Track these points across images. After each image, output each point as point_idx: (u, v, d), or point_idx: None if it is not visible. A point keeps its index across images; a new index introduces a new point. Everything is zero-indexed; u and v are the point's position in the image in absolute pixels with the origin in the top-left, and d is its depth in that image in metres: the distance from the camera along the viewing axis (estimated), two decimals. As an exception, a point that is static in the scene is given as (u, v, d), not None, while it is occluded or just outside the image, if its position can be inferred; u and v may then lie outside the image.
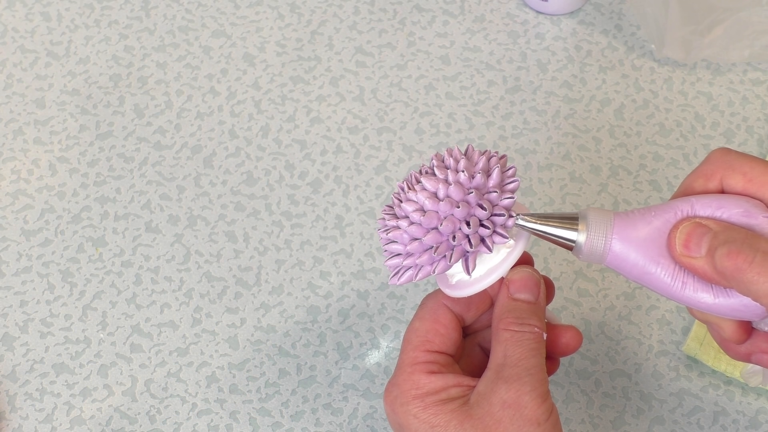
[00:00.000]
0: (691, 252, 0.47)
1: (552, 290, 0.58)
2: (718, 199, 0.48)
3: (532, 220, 0.50)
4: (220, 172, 0.75)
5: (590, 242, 0.49)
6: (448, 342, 0.53)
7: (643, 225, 0.49)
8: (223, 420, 0.66)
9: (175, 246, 0.72)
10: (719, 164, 0.49)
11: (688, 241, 0.47)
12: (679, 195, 0.50)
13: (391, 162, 0.75)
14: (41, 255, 0.72)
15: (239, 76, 0.79)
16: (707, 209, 0.48)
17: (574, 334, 0.55)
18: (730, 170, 0.49)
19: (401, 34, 0.81)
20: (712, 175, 0.49)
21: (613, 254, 0.49)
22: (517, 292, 0.53)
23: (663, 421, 0.64)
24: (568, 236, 0.49)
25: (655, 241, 0.48)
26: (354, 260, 0.71)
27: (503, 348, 0.51)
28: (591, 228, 0.49)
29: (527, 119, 0.76)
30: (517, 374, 0.50)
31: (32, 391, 0.67)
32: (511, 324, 0.52)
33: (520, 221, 0.50)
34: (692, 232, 0.47)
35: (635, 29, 0.80)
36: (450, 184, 0.50)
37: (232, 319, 0.69)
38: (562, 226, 0.50)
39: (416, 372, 0.52)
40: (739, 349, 0.51)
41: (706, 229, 0.47)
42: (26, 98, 0.79)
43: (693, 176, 0.50)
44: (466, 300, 0.54)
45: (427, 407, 0.51)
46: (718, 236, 0.46)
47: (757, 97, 0.76)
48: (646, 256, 0.48)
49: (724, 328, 0.50)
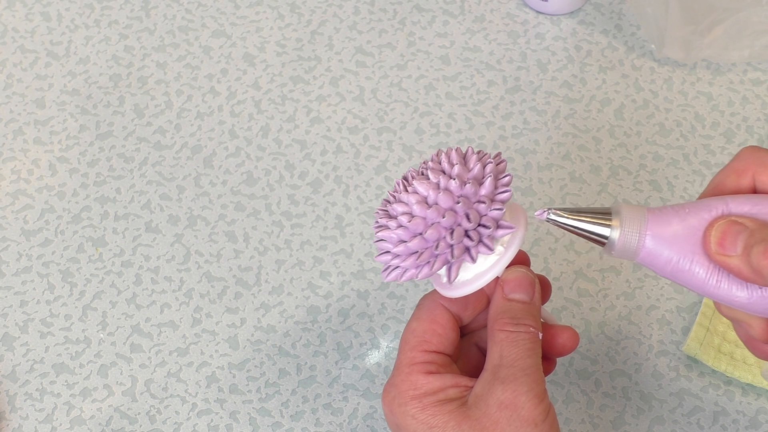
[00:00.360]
0: (727, 250, 0.46)
1: (548, 289, 0.57)
2: (753, 198, 0.47)
3: (564, 215, 0.49)
4: (220, 172, 0.75)
5: (624, 238, 0.48)
6: (445, 342, 0.53)
7: (677, 222, 0.48)
8: (223, 420, 0.66)
9: (175, 246, 0.72)
10: (751, 161, 0.49)
11: (724, 239, 0.46)
12: (710, 192, 0.50)
13: (391, 162, 0.75)
14: (41, 255, 0.72)
15: (239, 76, 0.79)
16: (742, 207, 0.47)
17: (571, 335, 0.55)
18: (762, 167, 0.48)
19: (401, 34, 0.81)
20: (744, 171, 0.49)
21: (647, 251, 0.48)
22: (512, 292, 0.53)
23: (663, 421, 0.64)
24: (601, 232, 0.48)
25: (690, 239, 0.47)
26: (354, 260, 0.71)
27: (499, 349, 0.51)
28: (625, 224, 0.48)
29: (527, 119, 0.76)
30: (513, 375, 0.50)
31: (32, 391, 0.67)
32: (506, 324, 0.52)
33: (552, 216, 0.49)
34: (728, 230, 0.47)
35: (635, 29, 0.80)
36: (440, 191, 0.50)
37: (232, 319, 0.69)
38: (594, 221, 0.49)
39: (414, 372, 0.52)
40: (765, 348, 0.51)
41: (742, 227, 0.46)
42: (26, 98, 0.79)
43: (724, 173, 0.49)
44: (463, 299, 0.54)
45: (425, 408, 0.51)
46: (754, 234, 0.46)
47: (757, 97, 0.76)
48: (680, 253, 0.47)
49: (753, 326, 0.49)
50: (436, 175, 0.51)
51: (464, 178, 0.50)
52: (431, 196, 0.50)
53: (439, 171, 0.51)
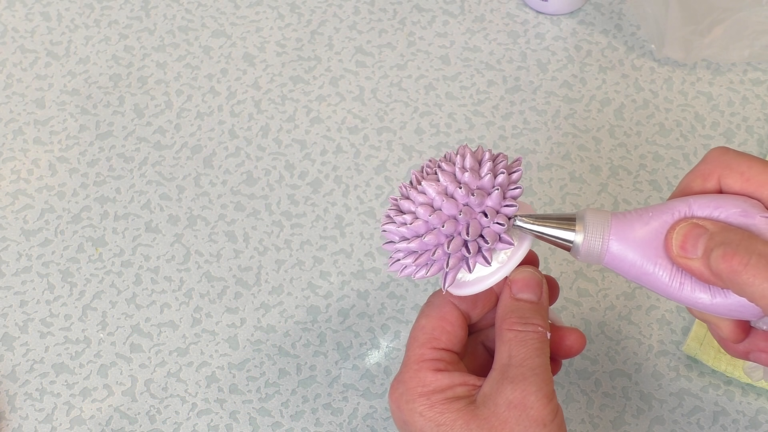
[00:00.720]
0: (688, 253, 0.47)
1: (556, 291, 0.58)
2: (716, 199, 0.48)
3: (530, 221, 0.50)
4: (220, 172, 0.75)
5: (587, 243, 0.49)
6: (454, 339, 0.53)
7: (641, 225, 0.49)
8: (223, 420, 0.66)
9: (175, 246, 0.72)
10: (717, 163, 0.49)
11: (685, 242, 0.47)
12: (677, 194, 0.50)
13: (391, 162, 0.75)
14: (41, 255, 0.72)
15: (239, 76, 0.79)
16: (705, 209, 0.48)
17: (578, 337, 0.55)
18: (727, 170, 0.49)
19: (401, 34, 0.81)
20: (710, 174, 0.49)
21: (611, 255, 0.49)
22: (520, 292, 0.53)
23: (663, 421, 0.64)
24: (566, 237, 0.50)
25: (653, 242, 0.48)
26: (354, 260, 0.71)
27: (507, 348, 0.51)
28: (588, 229, 0.49)
29: (527, 119, 0.76)
30: (522, 374, 0.50)
31: (32, 391, 0.67)
32: (514, 324, 0.52)
33: (518, 222, 0.50)
34: (689, 233, 0.47)
35: (635, 29, 0.80)
36: (445, 197, 0.50)
37: (232, 319, 0.69)
38: (559, 227, 0.50)
39: (422, 369, 0.52)
40: (737, 348, 0.51)
41: (703, 230, 0.47)
42: (26, 98, 0.79)
43: (691, 176, 0.50)
44: (473, 297, 0.54)
45: (433, 405, 0.51)
46: (714, 237, 0.46)
47: (757, 97, 0.76)
48: (643, 256, 0.48)
49: (722, 327, 0.50)
50: (446, 178, 0.51)
51: (471, 187, 0.50)
52: (437, 201, 0.50)
53: (451, 174, 0.51)
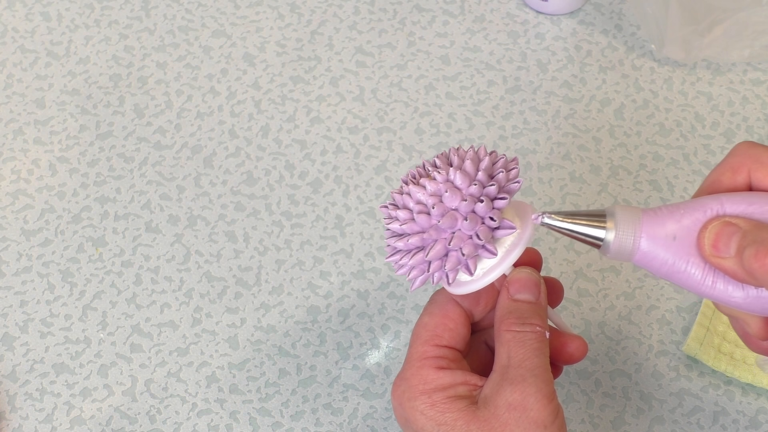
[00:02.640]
0: (721, 252, 0.46)
1: (560, 293, 0.57)
2: (749, 196, 0.47)
3: (559, 219, 0.49)
4: (220, 172, 0.75)
5: (619, 241, 0.48)
6: (457, 337, 0.53)
7: (672, 223, 0.48)
8: (223, 420, 0.66)
9: (175, 246, 0.72)
10: (746, 157, 0.48)
11: (717, 241, 0.46)
12: (706, 188, 0.50)
13: (391, 162, 0.75)
14: (41, 255, 0.72)
15: (239, 76, 0.79)
16: (737, 207, 0.47)
17: (581, 345, 0.55)
18: (758, 164, 0.48)
19: (401, 34, 0.81)
20: (740, 167, 0.48)
21: (642, 253, 0.48)
22: (518, 293, 0.53)
23: (663, 421, 0.65)
24: (596, 234, 0.48)
25: (685, 240, 0.47)
26: (354, 260, 0.71)
27: (506, 349, 0.51)
28: (619, 226, 0.48)
29: (527, 119, 0.76)
30: (521, 375, 0.50)
31: (32, 391, 0.67)
32: (512, 325, 0.52)
33: (546, 220, 0.49)
34: (721, 231, 0.46)
35: (635, 29, 0.80)
36: (430, 207, 0.50)
37: (232, 319, 0.69)
38: (589, 224, 0.49)
39: (425, 367, 0.52)
40: (762, 344, 0.51)
41: (736, 228, 0.46)
42: (26, 98, 0.79)
43: (720, 169, 0.49)
44: (475, 295, 0.53)
45: (434, 404, 0.51)
46: (747, 236, 0.46)
47: (757, 97, 0.76)
48: (675, 254, 0.47)
49: (750, 324, 0.49)
50: (434, 185, 0.51)
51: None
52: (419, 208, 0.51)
53: (444, 179, 0.51)
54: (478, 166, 0.51)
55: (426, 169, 0.52)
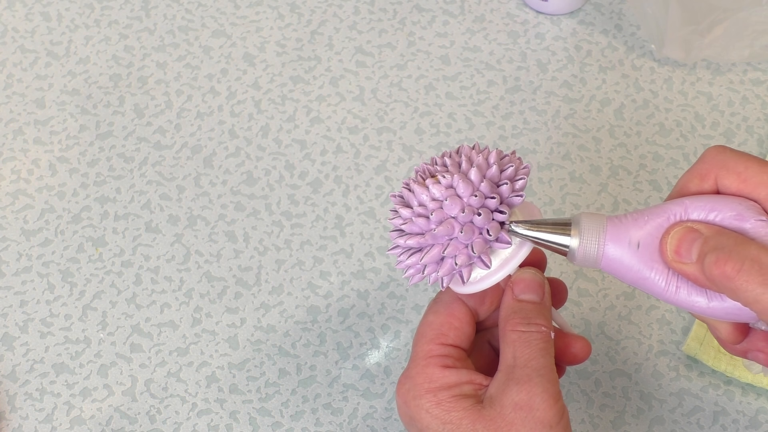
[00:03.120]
0: (683, 258, 0.47)
1: (564, 294, 0.58)
2: (712, 201, 0.48)
3: (525, 227, 0.50)
4: (220, 172, 0.75)
5: (583, 248, 0.49)
6: (462, 336, 0.53)
7: (636, 229, 0.48)
8: (223, 420, 0.66)
9: (175, 246, 0.72)
10: (714, 163, 0.49)
11: (679, 247, 0.47)
12: (675, 194, 0.50)
13: (391, 162, 0.75)
14: (41, 255, 0.72)
15: (239, 76, 0.79)
16: (700, 212, 0.48)
17: (584, 345, 0.55)
18: (724, 170, 0.48)
19: (401, 34, 0.81)
20: (707, 174, 0.49)
21: (607, 259, 0.49)
22: (522, 293, 0.53)
23: (663, 421, 0.65)
24: (562, 242, 0.50)
25: (648, 247, 0.48)
26: (354, 260, 0.71)
27: (512, 349, 0.51)
28: (583, 233, 0.49)
29: (527, 119, 0.76)
30: (527, 375, 0.50)
31: (32, 391, 0.67)
32: (517, 325, 0.52)
33: (513, 228, 0.50)
34: (683, 237, 0.47)
35: (635, 29, 0.80)
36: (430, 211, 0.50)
37: (232, 319, 0.69)
38: (554, 231, 0.50)
39: (430, 365, 0.52)
40: (736, 347, 0.51)
41: (697, 234, 0.47)
42: (26, 98, 0.79)
43: (688, 176, 0.50)
44: (480, 294, 0.53)
45: (440, 403, 0.51)
46: (708, 242, 0.46)
47: (757, 97, 0.76)
48: (639, 260, 0.48)
49: (720, 329, 0.50)
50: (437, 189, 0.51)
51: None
52: (420, 210, 0.51)
53: (447, 184, 0.51)
54: (485, 173, 0.51)
55: (436, 166, 0.52)
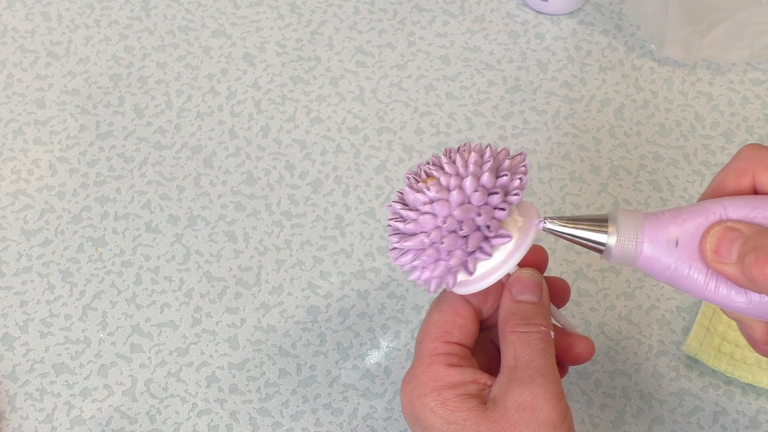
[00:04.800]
0: (722, 258, 0.46)
1: (567, 293, 0.57)
2: (752, 200, 0.47)
3: (561, 224, 0.49)
4: (220, 172, 0.75)
5: (621, 245, 0.48)
6: (467, 334, 0.53)
7: (675, 227, 0.47)
8: (223, 420, 0.66)
9: (175, 246, 0.72)
10: (751, 160, 0.48)
11: (719, 247, 0.46)
12: (711, 191, 0.49)
13: (391, 162, 0.75)
14: (41, 255, 0.72)
15: (239, 76, 0.79)
16: (740, 211, 0.47)
17: (588, 345, 0.55)
18: (762, 167, 0.47)
19: (401, 34, 0.81)
20: (744, 171, 0.48)
21: (644, 257, 0.48)
22: (520, 294, 0.53)
23: (663, 421, 0.65)
24: (598, 239, 0.48)
25: (687, 245, 0.47)
26: (354, 260, 0.71)
27: (512, 350, 0.51)
28: (621, 231, 0.48)
29: (527, 119, 0.76)
30: (529, 376, 0.50)
31: (32, 391, 0.67)
32: (517, 326, 0.52)
33: (548, 225, 0.50)
34: (723, 236, 0.46)
35: (635, 29, 0.80)
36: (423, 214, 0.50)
37: (232, 319, 0.69)
38: (591, 228, 0.49)
39: (435, 363, 0.52)
40: (766, 348, 0.51)
41: (738, 233, 0.46)
42: (26, 98, 0.79)
43: (725, 172, 0.49)
44: (484, 292, 0.53)
45: (444, 402, 0.51)
46: (748, 242, 0.45)
47: (757, 97, 0.76)
48: (678, 259, 0.47)
49: (755, 328, 0.49)
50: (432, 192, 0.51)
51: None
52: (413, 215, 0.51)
53: (437, 190, 0.51)
54: (478, 181, 0.50)
55: (433, 166, 0.52)
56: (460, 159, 0.51)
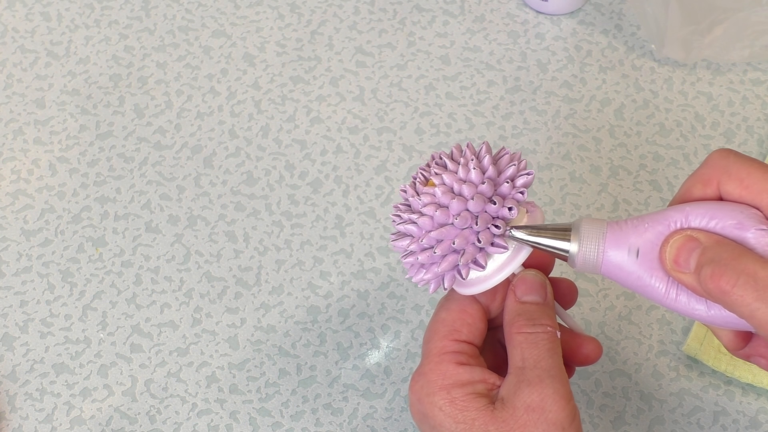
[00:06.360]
0: (681, 267, 0.47)
1: (575, 294, 0.58)
2: (713, 208, 0.47)
3: (525, 232, 0.50)
4: (220, 172, 0.75)
5: (583, 253, 0.49)
6: (475, 332, 0.53)
7: (636, 237, 0.48)
8: (223, 420, 0.66)
9: (175, 246, 0.72)
10: (717, 168, 0.48)
11: (678, 257, 0.47)
12: (678, 199, 0.50)
13: (391, 162, 0.75)
14: (41, 255, 0.72)
15: (239, 76, 0.79)
16: (701, 220, 0.47)
17: (596, 347, 0.55)
18: (726, 175, 0.48)
19: (401, 34, 0.81)
20: (710, 179, 0.48)
21: (607, 265, 0.49)
22: (524, 295, 0.53)
23: (663, 421, 0.65)
24: (562, 247, 0.50)
25: (648, 254, 0.48)
26: (354, 260, 0.71)
27: (520, 351, 0.51)
28: (583, 239, 0.49)
29: (527, 119, 0.76)
30: (538, 377, 0.50)
31: (32, 391, 0.67)
32: (523, 327, 0.52)
33: (513, 233, 0.51)
34: (682, 246, 0.47)
35: (635, 29, 0.80)
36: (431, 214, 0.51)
37: (232, 319, 0.69)
38: (554, 237, 0.50)
39: (444, 362, 0.52)
40: (738, 352, 0.51)
41: (696, 243, 0.46)
42: (26, 98, 0.79)
43: (691, 180, 0.49)
44: (492, 290, 0.53)
45: (453, 401, 0.51)
46: (705, 253, 0.46)
47: (757, 97, 0.76)
48: (639, 267, 0.48)
49: (721, 336, 0.50)
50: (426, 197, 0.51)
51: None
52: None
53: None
54: (475, 190, 0.51)
55: (431, 170, 0.52)
56: (473, 162, 0.51)
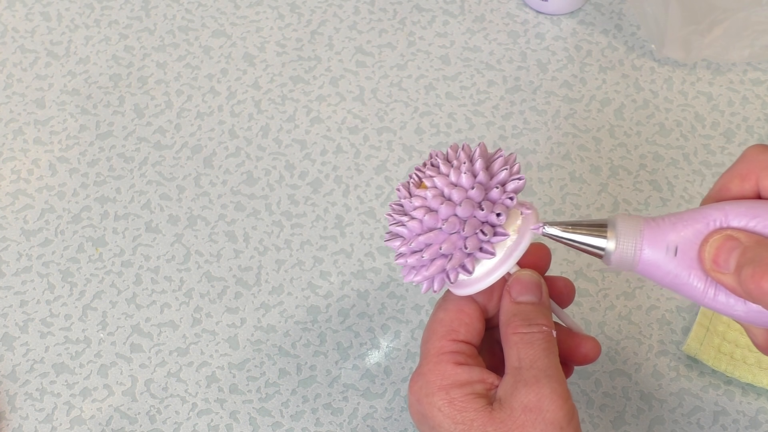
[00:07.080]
0: (720, 268, 0.46)
1: (572, 293, 0.57)
2: (754, 207, 0.46)
3: (560, 229, 0.49)
4: (220, 172, 0.75)
5: (620, 251, 0.48)
6: (473, 332, 0.53)
7: (674, 234, 0.47)
8: (223, 420, 0.66)
9: (175, 246, 0.72)
10: (755, 164, 0.47)
11: (717, 257, 0.46)
12: (714, 195, 0.49)
13: (391, 162, 0.75)
14: (41, 255, 0.72)
15: (239, 76, 0.79)
16: (741, 219, 0.46)
17: (594, 346, 0.55)
18: (766, 171, 0.47)
19: (401, 34, 0.81)
20: (748, 175, 0.47)
21: (644, 263, 0.48)
22: (520, 295, 0.53)
23: (663, 421, 0.65)
24: (597, 244, 0.48)
25: (687, 252, 0.47)
26: (354, 260, 0.71)
27: (516, 352, 0.51)
28: (620, 236, 0.47)
29: (527, 119, 0.76)
30: (534, 377, 0.50)
31: (32, 391, 0.67)
32: (519, 327, 0.52)
33: (547, 230, 0.49)
34: (721, 246, 0.46)
35: (635, 29, 0.80)
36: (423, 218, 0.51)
37: (232, 319, 0.69)
38: (590, 234, 0.48)
39: (443, 362, 0.52)
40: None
41: (736, 243, 0.45)
42: (26, 98, 0.79)
43: (728, 175, 0.48)
44: (489, 290, 0.53)
45: (452, 402, 0.51)
46: (746, 253, 0.45)
47: (757, 97, 0.76)
48: (677, 266, 0.47)
49: (756, 335, 0.49)
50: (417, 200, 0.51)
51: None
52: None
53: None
54: (464, 195, 0.51)
55: (425, 170, 0.52)
56: (465, 166, 0.51)
